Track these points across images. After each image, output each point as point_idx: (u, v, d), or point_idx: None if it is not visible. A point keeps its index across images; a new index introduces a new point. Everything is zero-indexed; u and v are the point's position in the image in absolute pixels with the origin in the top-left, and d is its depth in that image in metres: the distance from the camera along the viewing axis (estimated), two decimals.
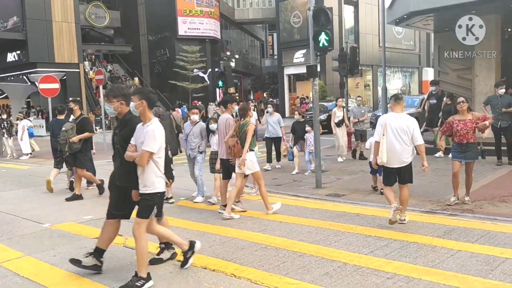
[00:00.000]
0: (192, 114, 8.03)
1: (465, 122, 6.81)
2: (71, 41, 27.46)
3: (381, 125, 5.89)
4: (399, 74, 41.02)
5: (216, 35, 35.31)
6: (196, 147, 7.91)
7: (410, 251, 4.88)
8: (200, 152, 7.91)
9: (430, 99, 12.46)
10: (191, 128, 7.96)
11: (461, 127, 6.79)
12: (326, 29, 8.21)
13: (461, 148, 6.81)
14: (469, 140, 6.77)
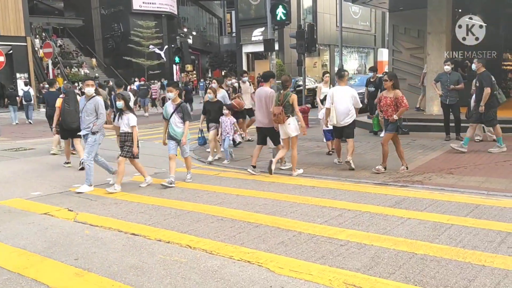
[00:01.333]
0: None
1: (386, 99, 7.41)
2: (17, 13, 25.86)
3: (330, 96, 7.85)
4: (356, 55, 41.67)
5: (172, 10, 34.41)
6: (89, 127, 7.03)
7: (363, 220, 5.00)
8: (93, 132, 6.98)
9: (369, 87, 12.05)
10: (85, 103, 7.09)
11: (383, 103, 7.44)
12: (284, 3, 8.15)
13: (385, 122, 7.56)
14: (388, 115, 7.36)
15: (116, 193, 6.62)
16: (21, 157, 10.24)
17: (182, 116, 7.11)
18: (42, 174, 8.29)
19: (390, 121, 7.31)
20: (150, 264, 3.95)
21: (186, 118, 7.15)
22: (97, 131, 6.98)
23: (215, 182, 7.32)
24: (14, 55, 25.14)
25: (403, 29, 14.33)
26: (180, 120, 7.12)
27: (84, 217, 5.44)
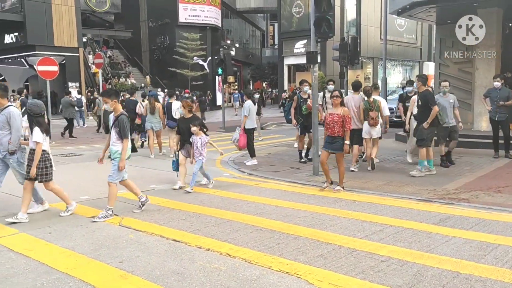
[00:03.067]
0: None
1: (333, 116, 7.13)
2: (71, 25, 27.28)
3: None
4: (400, 68, 40.92)
5: (217, 23, 35.09)
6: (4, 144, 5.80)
7: (405, 237, 4.89)
8: (10, 152, 5.80)
9: (407, 102, 10.29)
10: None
11: (330, 120, 7.15)
12: (328, 15, 8.15)
13: (330, 140, 7.17)
14: (334, 134, 7.07)
15: (159, 200, 6.80)
16: (71, 163, 10.72)
17: (119, 132, 5.82)
18: (90, 179, 8.63)
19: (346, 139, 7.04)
20: (190, 270, 4.03)
21: (123, 135, 5.80)
22: (14, 150, 5.83)
23: (255, 192, 7.37)
24: (66, 65, 26.42)
25: (450, 42, 13.94)
26: (117, 136, 5.85)
27: (128, 222, 5.62)
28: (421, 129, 8.17)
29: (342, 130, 7.04)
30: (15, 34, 26.92)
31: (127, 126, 5.87)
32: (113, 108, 5.92)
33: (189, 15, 33.51)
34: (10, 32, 27.07)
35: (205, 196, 7.08)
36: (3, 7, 27.57)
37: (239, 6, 41.32)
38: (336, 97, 7.20)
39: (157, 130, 11.71)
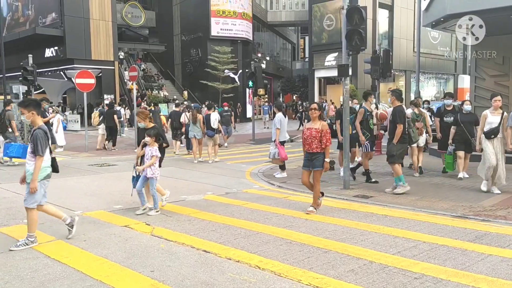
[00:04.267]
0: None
1: (311, 130, 6.60)
2: (107, 39, 28.20)
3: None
4: (434, 81, 40.11)
5: (248, 36, 35.50)
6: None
7: (439, 254, 4.76)
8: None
9: (445, 116, 9.77)
10: None
11: (307, 135, 6.63)
12: (359, 28, 8.13)
13: (309, 156, 6.66)
14: (313, 149, 6.57)
15: (190, 210, 6.87)
16: (105, 172, 11.00)
17: (33, 148, 5.04)
18: (123, 188, 8.82)
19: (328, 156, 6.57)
20: (220, 282, 4.05)
21: (36, 151, 5.02)
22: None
23: (284, 205, 7.35)
24: (102, 77, 27.26)
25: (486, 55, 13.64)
26: (31, 154, 5.08)
27: (160, 232, 5.71)
28: (391, 145, 8.08)
29: (321, 145, 6.53)
30: (55, 48, 28.03)
31: (43, 143, 5.01)
32: (30, 121, 5.21)
33: (221, 28, 34.07)
34: (51, 46, 28.20)
35: (234, 208, 7.11)
36: (44, 23, 28.78)
37: (270, 20, 41.70)
38: (313, 110, 6.66)
39: (199, 138, 12.93)
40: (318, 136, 6.53)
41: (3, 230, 5.81)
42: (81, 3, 26.96)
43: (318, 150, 6.55)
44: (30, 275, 4.28)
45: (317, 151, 6.55)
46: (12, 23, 32.34)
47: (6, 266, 4.50)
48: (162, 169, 7.49)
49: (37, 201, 5.17)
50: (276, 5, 42.38)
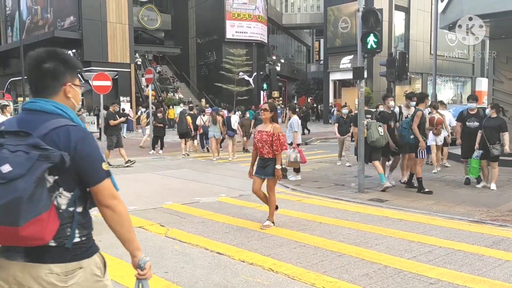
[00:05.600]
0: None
1: (262, 134, 5.94)
2: (124, 42, 28.51)
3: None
4: (451, 84, 39.64)
5: (263, 39, 35.58)
6: None
7: (456, 259, 4.69)
8: None
9: (468, 121, 9.07)
10: None
11: (258, 139, 5.97)
12: (375, 31, 8.08)
13: (261, 163, 6.01)
14: (264, 155, 5.93)
15: (204, 212, 6.90)
16: (121, 173, 11.10)
17: None
18: (138, 190, 8.91)
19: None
20: (233, 284, 4.05)
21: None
22: None
23: (298, 208, 7.33)
24: (119, 80, 27.57)
25: (505, 57, 13.41)
26: None
27: (174, 233, 5.74)
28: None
29: (273, 151, 5.89)
30: (72, 51, 28.41)
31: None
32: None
33: (236, 31, 34.22)
34: (68, 49, 28.55)
35: (248, 210, 7.12)
36: (63, 26, 29.25)
37: (285, 22, 41.75)
38: (264, 111, 5.99)
39: (217, 138, 13.83)
40: (269, 141, 5.86)
41: None
42: (98, 7, 27.33)
43: (270, 155, 5.89)
44: None
45: (269, 157, 5.89)
46: (31, 26, 32.95)
47: None
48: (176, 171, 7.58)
49: None
50: (291, 8, 42.42)
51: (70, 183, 1.82)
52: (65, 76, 1.94)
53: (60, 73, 1.92)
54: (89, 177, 1.85)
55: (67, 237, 1.82)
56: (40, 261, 1.78)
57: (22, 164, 1.65)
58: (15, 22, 34.37)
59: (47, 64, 1.89)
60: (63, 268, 1.81)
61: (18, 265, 1.79)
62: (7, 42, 36.50)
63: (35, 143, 1.72)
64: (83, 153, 1.82)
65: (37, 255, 1.78)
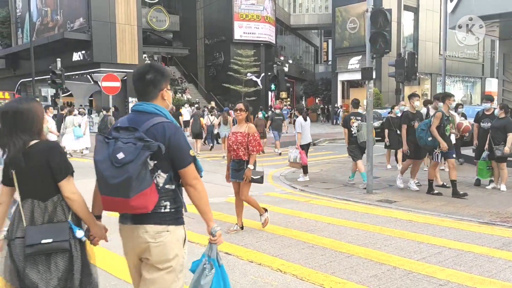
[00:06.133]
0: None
1: (236, 135, 5.67)
2: (132, 43, 28.69)
3: None
4: (460, 84, 39.34)
5: (271, 40, 35.57)
6: None
7: (465, 260, 4.66)
8: None
9: (482, 122, 9.07)
10: None
11: (233, 140, 5.70)
12: (384, 31, 8.05)
13: (236, 166, 5.77)
14: (239, 157, 5.65)
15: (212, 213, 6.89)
16: None
17: None
18: None
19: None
20: (242, 284, 4.06)
21: None
22: None
23: (306, 208, 7.32)
24: (127, 81, 27.73)
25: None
26: None
27: None
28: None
29: (249, 151, 5.61)
30: (82, 52, 28.66)
31: None
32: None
33: (244, 32, 34.24)
34: (78, 50, 28.86)
35: (256, 211, 7.10)
36: (72, 27, 29.48)
37: (293, 23, 41.68)
38: (239, 111, 5.70)
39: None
40: (244, 142, 5.61)
41: None
42: (107, 8, 27.52)
43: (246, 157, 5.65)
44: None
45: (247, 159, 5.65)
46: (41, 28, 33.26)
47: None
48: None
49: None
50: (299, 9, 42.37)
51: (166, 167, 2.39)
52: (162, 83, 2.51)
53: (158, 81, 2.49)
54: (179, 162, 2.41)
55: (162, 207, 2.40)
56: (141, 223, 2.38)
57: (132, 152, 2.23)
58: (25, 24, 34.72)
59: (148, 75, 2.46)
60: (154, 229, 2.39)
61: (128, 227, 2.45)
62: (18, 44, 36.88)
63: (140, 136, 2.29)
64: (174, 143, 2.38)
65: (139, 219, 2.38)
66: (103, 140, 2.34)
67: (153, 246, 2.40)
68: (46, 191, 2.53)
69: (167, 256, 2.43)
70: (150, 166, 2.31)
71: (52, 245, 2.46)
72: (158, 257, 2.41)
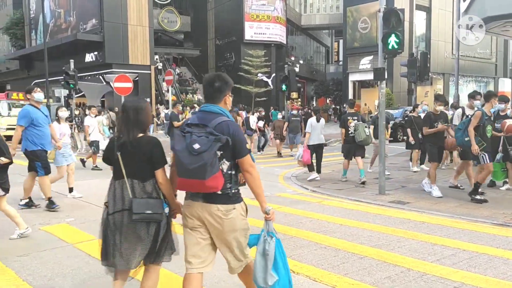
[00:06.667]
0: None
1: None
2: (144, 44, 28.87)
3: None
4: (473, 84, 38.91)
5: (281, 40, 35.54)
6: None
7: (480, 262, 4.62)
8: None
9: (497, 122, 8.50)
10: None
11: None
12: (397, 31, 8.00)
13: None
14: None
15: None
16: None
17: None
18: None
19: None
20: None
21: None
22: None
23: (318, 209, 7.31)
24: (139, 81, 27.92)
25: None
26: None
27: None
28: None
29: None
30: (94, 53, 28.91)
31: None
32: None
33: (254, 32, 34.27)
34: (91, 52, 29.12)
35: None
36: (85, 28, 29.76)
37: (304, 23, 41.60)
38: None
39: None
40: None
41: (46, 229, 6.04)
42: (120, 10, 27.74)
43: None
44: (72, 272, 4.44)
45: None
46: (54, 29, 33.63)
47: (50, 263, 4.69)
48: None
49: None
50: (310, 9, 42.25)
51: (229, 156, 2.95)
52: (226, 91, 3.07)
53: (223, 89, 3.06)
54: (239, 152, 2.96)
55: (227, 189, 2.97)
56: (212, 202, 2.96)
57: (205, 144, 2.79)
58: (39, 25, 35.13)
59: (216, 83, 3.05)
60: (225, 207, 2.98)
61: (199, 204, 3.01)
62: (31, 45, 37.33)
63: (210, 131, 2.87)
64: (237, 138, 2.94)
65: (210, 198, 2.96)
66: (180, 134, 2.92)
67: (225, 220, 3.00)
68: (144, 175, 3.17)
69: (235, 227, 3.05)
70: (217, 156, 2.86)
71: (152, 215, 3.12)
72: (229, 227, 3.03)
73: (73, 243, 5.40)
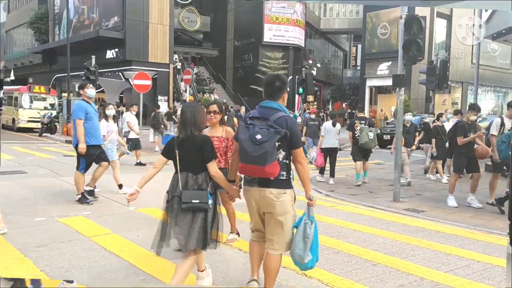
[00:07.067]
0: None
1: (212, 139, 4.83)
2: (164, 43, 29.16)
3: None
4: (491, 94, 38.37)
5: (300, 43, 35.52)
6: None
7: (494, 274, 4.58)
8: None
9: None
10: None
11: None
12: (418, 38, 7.97)
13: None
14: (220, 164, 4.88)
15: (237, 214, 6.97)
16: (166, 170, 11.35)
17: None
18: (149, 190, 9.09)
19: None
20: None
21: None
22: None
23: (332, 214, 7.31)
24: (158, 79, 28.19)
25: None
26: None
27: None
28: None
29: (226, 158, 5.03)
30: (115, 50, 29.29)
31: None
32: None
33: (273, 35, 34.32)
34: (112, 48, 29.51)
35: None
36: (107, 25, 30.17)
37: (323, 27, 41.51)
38: (213, 114, 5.02)
39: None
40: (221, 147, 5.04)
41: (64, 221, 6.17)
42: (141, 8, 28.07)
43: (222, 164, 4.99)
44: (88, 265, 4.54)
45: (220, 166, 4.81)
46: (77, 25, 34.16)
47: (67, 255, 4.79)
48: None
49: None
50: (329, 13, 42.14)
51: (285, 147, 3.42)
52: (284, 90, 3.57)
53: (282, 88, 3.55)
54: (294, 144, 3.44)
55: (281, 175, 3.44)
56: (266, 186, 3.44)
57: (266, 135, 3.25)
58: (63, 21, 35.70)
59: (276, 83, 3.55)
60: (277, 192, 3.46)
61: (255, 189, 3.51)
62: (54, 40, 37.96)
63: (271, 125, 3.31)
64: (293, 131, 3.40)
65: (265, 183, 3.44)
66: (244, 125, 3.37)
67: (277, 203, 3.46)
68: (197, 168, 3.62)
69: (285, 210, 3.50)
70: (276, 146, 3.27)
71: (199, 205, 3.53)
72: (280, 210, 3.48)
73: (90, 236, 5.50)
